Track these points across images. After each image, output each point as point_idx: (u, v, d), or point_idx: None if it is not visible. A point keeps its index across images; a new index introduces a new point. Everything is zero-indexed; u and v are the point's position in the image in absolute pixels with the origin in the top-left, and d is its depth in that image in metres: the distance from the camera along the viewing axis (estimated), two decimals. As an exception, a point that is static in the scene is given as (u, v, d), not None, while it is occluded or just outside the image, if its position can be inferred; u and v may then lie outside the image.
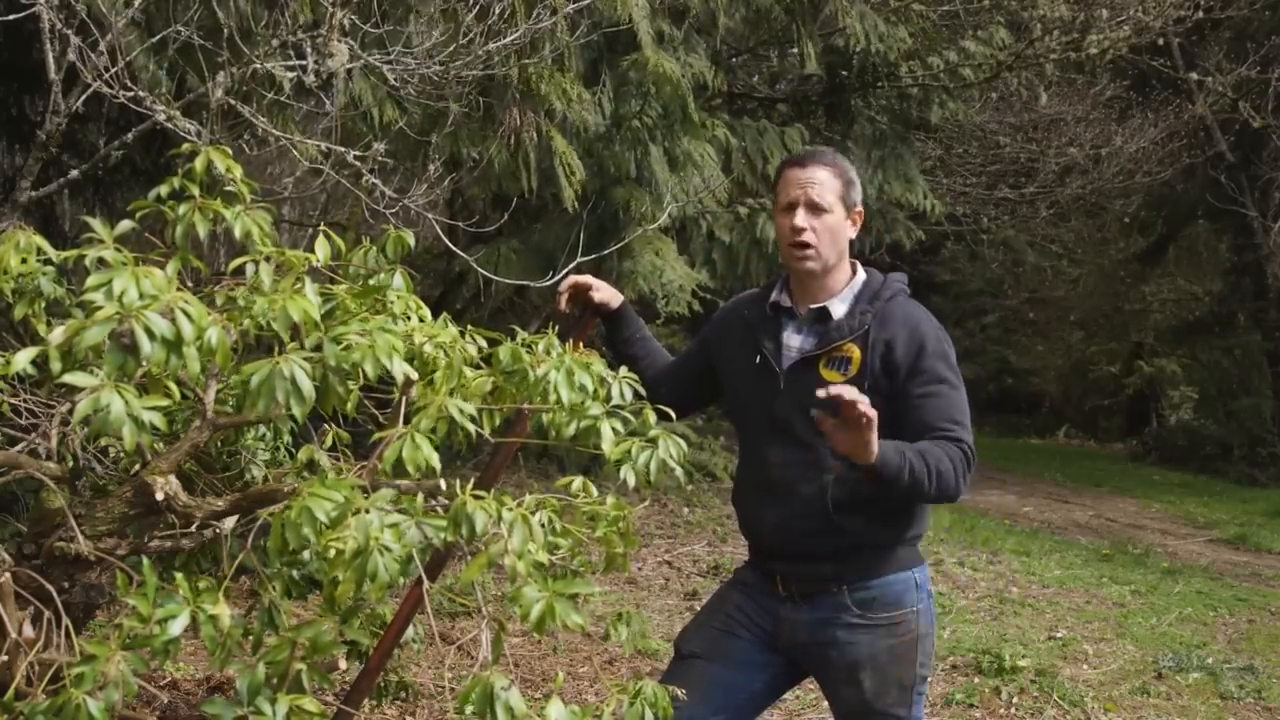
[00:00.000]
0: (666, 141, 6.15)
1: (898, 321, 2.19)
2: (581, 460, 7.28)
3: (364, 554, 1.53)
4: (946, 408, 2.12)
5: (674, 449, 1.88)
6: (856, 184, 2.27)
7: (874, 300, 2.22)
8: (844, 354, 2.18)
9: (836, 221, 2.21)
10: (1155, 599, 6.34)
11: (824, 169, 2.22)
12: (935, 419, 2.10)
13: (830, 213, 2.20)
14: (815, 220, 2.20)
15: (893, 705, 2.20)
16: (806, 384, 2.14)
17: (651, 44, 5.64)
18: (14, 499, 3.94)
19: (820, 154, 2.27)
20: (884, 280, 2.28)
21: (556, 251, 5.81)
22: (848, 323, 2.19)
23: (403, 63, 3.84)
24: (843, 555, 2.18)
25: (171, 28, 3.49)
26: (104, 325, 1.47)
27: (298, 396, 1.58)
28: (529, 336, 1.97)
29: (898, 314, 2.20)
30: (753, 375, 2.26)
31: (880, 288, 2.25)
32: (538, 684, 4.00)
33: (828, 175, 2.21)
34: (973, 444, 2.11)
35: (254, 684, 1.62)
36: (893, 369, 2.14)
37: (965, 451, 2.08)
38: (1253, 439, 13.31)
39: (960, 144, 12.36)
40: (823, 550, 2.18)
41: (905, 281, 2.32)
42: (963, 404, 2.15)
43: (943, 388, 2.13)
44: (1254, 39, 12.29)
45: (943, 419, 2.10)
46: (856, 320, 2.19)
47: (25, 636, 1.79)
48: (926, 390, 2.13)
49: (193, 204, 1.86)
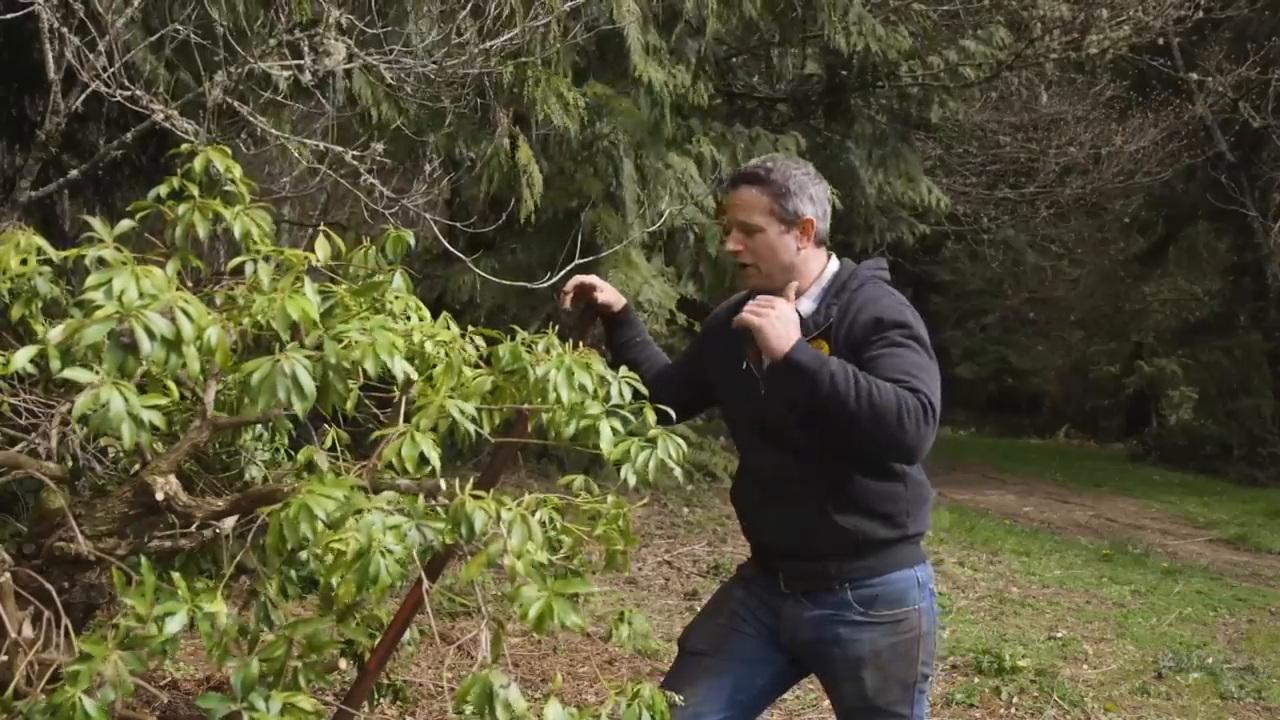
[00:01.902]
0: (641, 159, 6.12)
1: (856, 306, 2.16)
2: (581, 460, 7.27)
3: (365, 556, 1.52)
4: (903, 364, 2.03)
5: (673, 449, 1.88)
6: (799, 194, 2.18)
7: (841, 292, 2.20)
8: None
9: (770, 239, 2.18)
10: (1155, 599, 6.34)
11: (750, 188, 2.19)
12: (891, 372, 2.01)
13: (762, 231, 2.18)
14: (749, 240, 2.19)
15: (894, 703, 2.19)
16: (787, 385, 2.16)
17: (640, 50, 5.61)
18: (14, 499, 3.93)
19: (749, 173, 2.22)
20: (853, 270, 2.24)
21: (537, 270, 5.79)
22: (814, 319, 2.18)
23: (400, 62, 3.84)
24: (844, 553, 2.18)
25: (170, 26, 3.49)
26: (104, 324, 1.47)
27: (299, 393, 1.58)
28: (529, 336, 1.97)
29: (859, 300, 2.17)
30: (738, 380, 2.26)
31: (849, 278, 2.22)
32: (537, 684, 4.00)
33: (754, 194, 2.18)
34: (933, 398, 1.99)
35: (248, 680, 1.62)
36: (857, 349, 2.11)
37: (921, 400, 1.97)
38: (1253, 439, 13.31)
39: (960, 144, 12.37)
40: (823, 548, 2.18)
41: (879, 267, 2.28)
42: (924, 364, 2.06)
43: (897, 349, 2.07)
44: (1254, 39, 12.30)
45: (899, 372, 2.01)
46: (822, 315, 2.17)
47: (25, 636, 1.79)
48: (880, 351, 2.07)
49: (192, 204, 1.86)
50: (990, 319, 21.25)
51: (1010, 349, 20.98)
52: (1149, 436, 15.93)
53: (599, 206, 6.11)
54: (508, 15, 4.07)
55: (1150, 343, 17.83)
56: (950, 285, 20.88)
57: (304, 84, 3.67)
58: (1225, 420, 14.59)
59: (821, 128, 9.05)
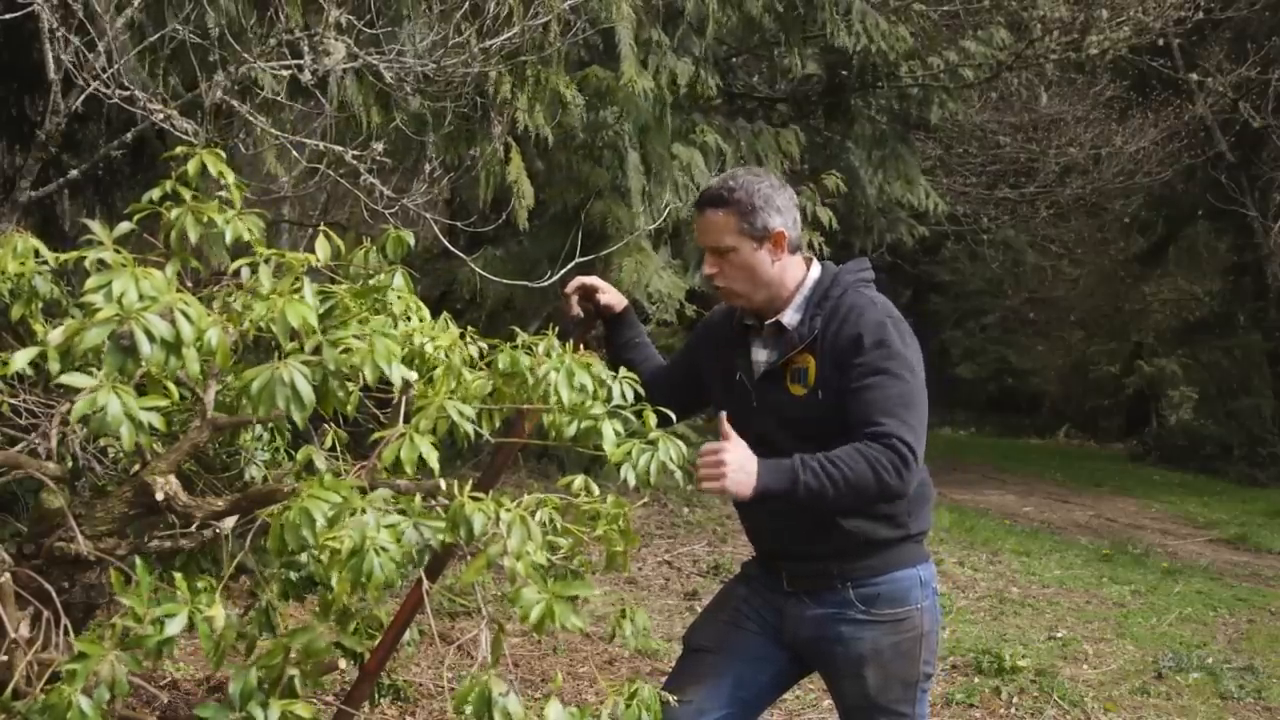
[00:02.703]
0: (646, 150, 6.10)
1: (842, 319, 2.15)
2: (582, 460, 7.26)
3: (360, 554, 1.53)
4: (881, 400, 2.05)
5: (674, 451, 1.89)
6: (765, 209, 2.16)
7: (823, 301, 2.18)
8: (801, 365, 2.17)
9: (744, 257, 2.17)
10: (1155, 599, 6.34)
11: (716, 211, 2.18)
12: (867, 413, 2.04)
13: (735, 250, 2.17)
14: (723, 263, 2.19)
15: (896, 702, 2.20)
16: (775, 397, 2.17)
17: (631, 55, 5.58)
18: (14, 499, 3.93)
19: (713, 196, 2.20)
20: (834, 276, 2.23)
21: (543, 261, 5.78)
22: (798, 331, 2.18)
23: (400, 61, 3.83)
24: (845, 553, 2.18)
25: (169, 27, 3.49)
26: (104, 327, 1.47)
27: (297, 402, 1.58)
28: (529, 338, 1.97)
29: (842, 310, 2.16)
30: (730, 390, 2.26)
31: (830, 285, 2.20)
32: (537, 684, 4.00)
33: (720, 216, 2.17)
34: (908, 437, 2.01)
35: (246, 689, 1.62)
36: (843, 368, 2.12)
37: (894, 447, 1.99)
38: (1253, 439, 13.31)
39: (960, 144, 12.37)
40: (825, 548, 2.19)
41: (861, 269, 2.26)
42: (903, 393, 2.06)
43: (879, 379, 2.07)
44: (1254, 39, 12.29)
45: (876, 412, 2.03)
46: (806, 327, 2.17)
47: (24, 636, 1.79)
48: (861, 384, 2.07)
49: (185, 208, 1.86)
50: (990, 319, 21.23)
51: (1010, 349, 20.96)
52: (1149, 436, 15.92)
53: (606, 197, 6.09)
54: (506, 15, 4.06)
55: (1150, 343, 17.81)
56: (950, 285, 20.86)
57: (304, 84, 3.67)
58: (1225, 420, 14.58)
59: (821, 128, 9.04)
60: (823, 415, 2.13)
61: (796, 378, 2.17)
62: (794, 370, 2.18)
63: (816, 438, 2.06)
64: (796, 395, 2.16)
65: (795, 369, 2.18)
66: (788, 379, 2.18)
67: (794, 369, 2.18)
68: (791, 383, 2.18)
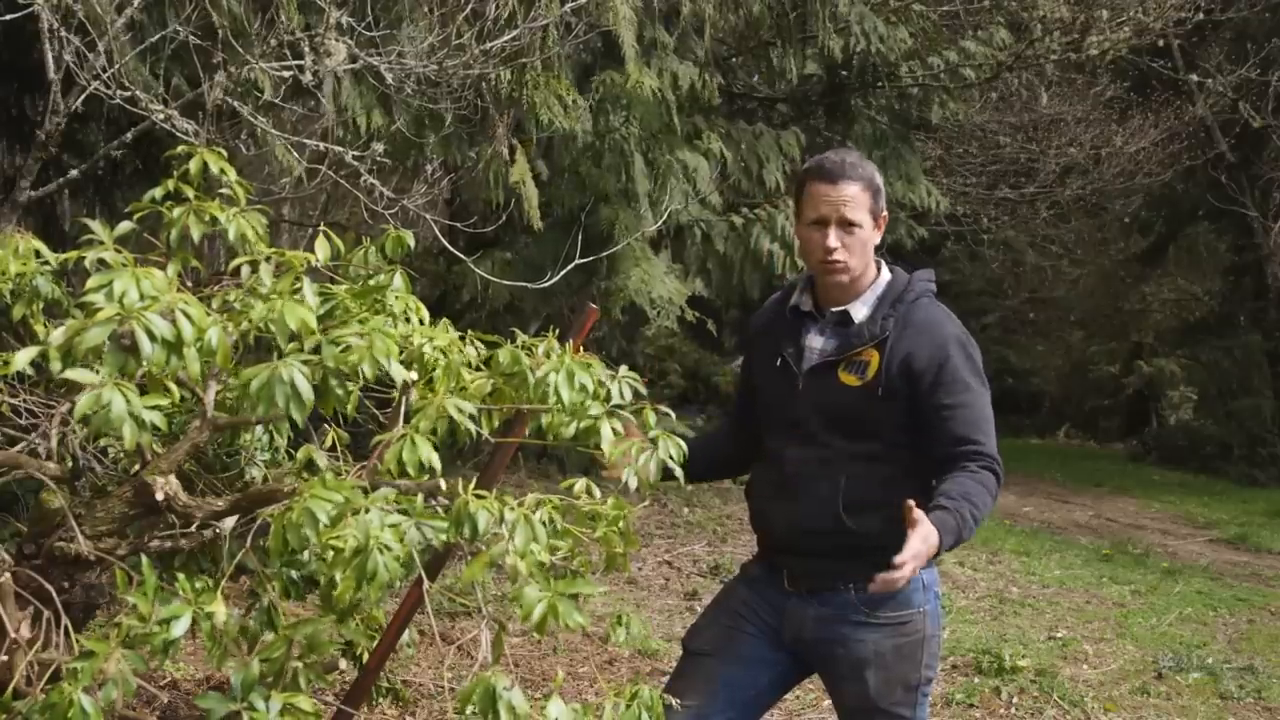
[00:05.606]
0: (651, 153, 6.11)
1: (919, 329, 2.18)
2: (582, 461, 7.25)
3: (364, 553, 1.53)
4: (974, 419, 2.15)
5: (674, 450, 1.89)
6: (882, 189, 2.25)
7: (897, 303, 2.21)
8: (862, 359, 2.18)
9: (866, 234, 2.21)
10: (1155, 599, 6.34)
11: (854, 185, 2.18)
12: (963, 431, 2.13)
13: (861, 227, 2.19)
14: (847, 237, 2.19)
15: (896, 704, 2.20)
16: (824, 386, 2.18)
17: (635, 58, 5.59)
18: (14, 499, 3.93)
19: (850, 168, 2.21)
20: (908, 281, 2.26)
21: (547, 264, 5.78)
22: (868, 328, 2.19)
23: (401, 63, 3.84)
24: (851, 554, 2.18)
25: (170, 27, 3.49)
26: (105, 326, 1.47)
27: (297, 401, 1.58)
28: (529, 340, 1.97)
29: (919, 320, 2.19)
30: (775, 377, 2.27)
31: (904, 290, 2.24)
32: (538, 684, 4.00)
33: (858, 191, 2.18)
34: (997, 453, 2.16)
35: (248, 680, 1.62)
36: (913, 377, 2.15)
37: (995, 470, 2.13)
38: (1253, 439, 13.29)
39: (960, 144, 12.36)
40: (831, 548, 2.19)
41: (930, 279, 2.30)
42: (986, 409, 2.19)
43: (968, 397, 2.16)
44: (1254, 40, 12.29)
45: (972, 432, 2.14)
46: (878, 326, 2.18)
47: (24, 636, 1.79)
48: (953, 401, 2.14)
49: (187, 207, 1.86)
50: (990, 319, 21.20)
51: (1010, 349, 20.94)
52: (1149, 436, 15.90)
53: (613, 202, 6.09)
54: (508, 17, 4.07)
55: (1150, 343, 17.80)
56: (950, 286, 20.78)
57: (305, 84, 3.67)
58: (1225, 420, 14.56)
59: (821, 128, 9.04)
60: (874, 413, 2.16)
61: (853, 369, 2.19)
62: (853, 362, 2.19)
63: (855, 431, 2.14)
64: (849, 384, 2.17)
65: (854, 361, 2.19)
66: (841, 368, 2.19)
67: (853, 361, 2.19)
68: (845, 371, 2.19)
